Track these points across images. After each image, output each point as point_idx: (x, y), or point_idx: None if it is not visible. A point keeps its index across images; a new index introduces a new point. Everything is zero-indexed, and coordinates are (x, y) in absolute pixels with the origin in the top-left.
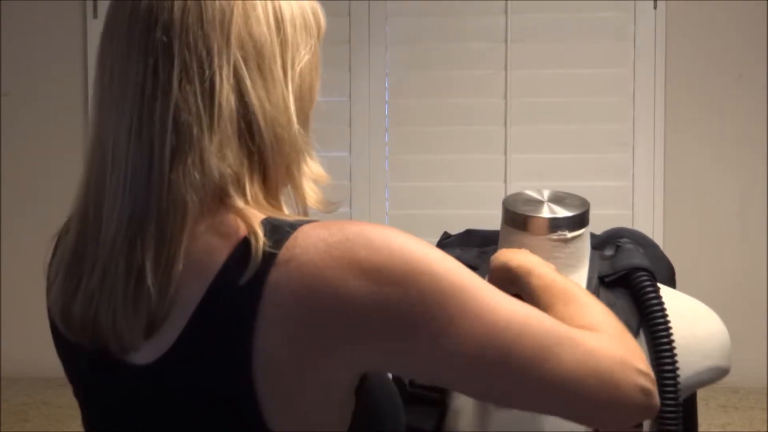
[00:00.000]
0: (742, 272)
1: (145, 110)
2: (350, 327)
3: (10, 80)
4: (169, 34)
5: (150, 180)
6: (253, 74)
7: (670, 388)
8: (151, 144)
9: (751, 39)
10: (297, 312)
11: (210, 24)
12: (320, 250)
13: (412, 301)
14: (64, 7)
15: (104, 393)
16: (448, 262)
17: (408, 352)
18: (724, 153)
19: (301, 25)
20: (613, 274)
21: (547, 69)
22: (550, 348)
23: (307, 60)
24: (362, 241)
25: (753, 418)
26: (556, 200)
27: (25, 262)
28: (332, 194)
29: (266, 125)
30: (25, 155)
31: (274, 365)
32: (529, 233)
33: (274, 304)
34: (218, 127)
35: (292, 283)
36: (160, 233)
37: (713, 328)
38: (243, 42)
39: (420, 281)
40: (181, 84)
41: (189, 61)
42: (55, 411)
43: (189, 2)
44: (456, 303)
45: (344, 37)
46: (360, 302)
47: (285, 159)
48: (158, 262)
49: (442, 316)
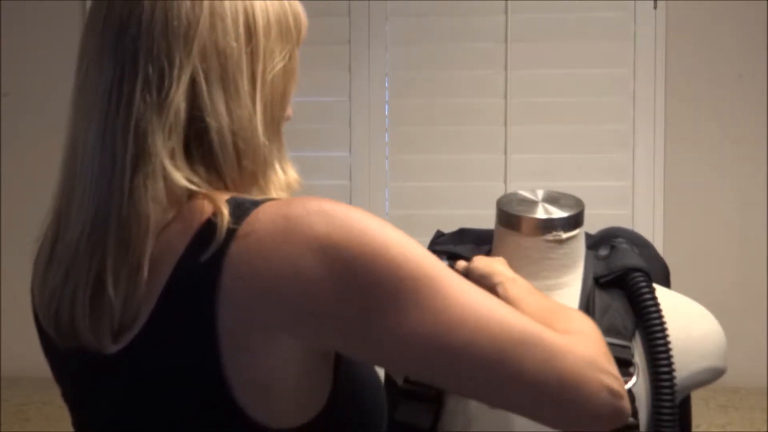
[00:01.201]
0: (742, 272)
1: (110, 118)
2: (304, 301)
3: (10, 80)
4: (136, 45)
5: (111, 187)
6: (214, 87)
7: (667, 389)
8: (114, 152)
9: (751, 39)
10: (254, 284)
11: (174, 36)
12: (279, 225)
13: (365, 284)
14: (64, 7)
15: (86, 388)
16: (410, 248)
17: (360, 334)
18: (724, 153)
19: (276, 33)
20: (608, 275)
21: (547, 69)
22: (512, 346)
23: (280, 68)
24: (322, 218)
25: (753, 418)
26: (550, 200)
27: (25, 262)
28: (331, 196)
29: (222, 138)
30: (25, 155)
31: (236, 339)
32: (524, 234)
33: (234, 278)
34: (169, 140)
35: (251, 256)
36: (123, 242)
37: (709, 329)
38: (206, 54)
39: (375, 264)
40: (143, 94)
41: (151, 73)
42: (55, 411)
43: (157, 12)
44: (410, 291)
45: (344, 37)
46: (315, 278)
47: (248, 170)
48: (120, 272)
49: (394, 304)
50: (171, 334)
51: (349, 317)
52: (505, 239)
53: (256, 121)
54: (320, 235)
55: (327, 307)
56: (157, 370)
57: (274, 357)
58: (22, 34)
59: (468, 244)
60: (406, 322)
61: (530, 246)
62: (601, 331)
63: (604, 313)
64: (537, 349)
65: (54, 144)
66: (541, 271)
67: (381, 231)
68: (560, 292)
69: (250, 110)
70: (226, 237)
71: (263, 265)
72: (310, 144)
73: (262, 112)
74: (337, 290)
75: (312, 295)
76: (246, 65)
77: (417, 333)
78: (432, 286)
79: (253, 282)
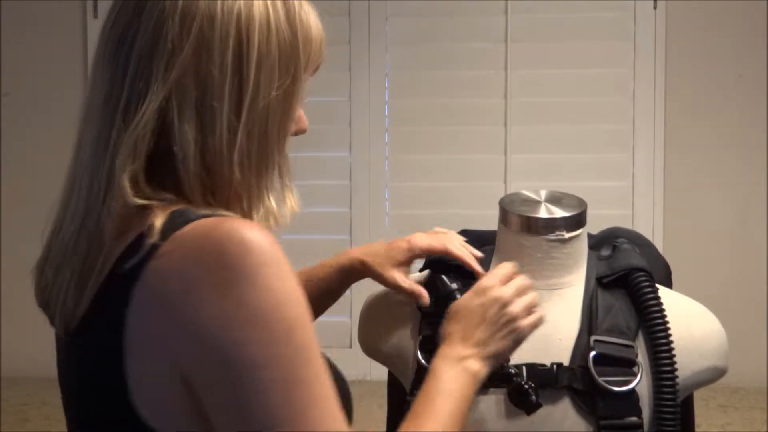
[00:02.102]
0: (742, 272)
1: (101, 133)
2: (189, 327)
3: (10, 80)
4: (127, 61)
5: (94, 198)
6: (186, 116)
7: (669, 388)
8: (99, 166)
9: (751, 39)
10: (157, 301)
11: (158, 59)
12: (194, 247)
13: (218, 325)
14: (64, 7)
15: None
16: (291, 324)
17: (217, 375)
18: (724, 153)
19: (275, 61)
20: (611, 275)
21: (547, 69)
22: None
23: (278, 95)
24: (239, 249)
25: (753, 418)
26: (553, 200)
27: (25, 262)
28: (331, 196)
29: (187, 169)
30: (25, 155)
31: (136, 349)
32: (526, 233)
33: (144, 292)
34: (133, 163)
35: (162, 274)
36: (86, 249)
37: (710, 328)
38: (185, 82)
39: (239, 316)
40: (122, 114)
41: (132, 94)
42: (55, 411)
43: (149, 32)
44: (266, 356)
45: (344, 37)
46: (206, 307)
47: (217, 199)
48: (81, 274)
49: (235, 359)
50: (91, 337)
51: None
52: (508, 239)
53: (233, 153)
54: (225, 266)
55: (202, 336)
56: (80, 365)
57: (161, 371)
58: (22, 34)
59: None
60: (231, 383)
61: (533, 245)
62: (605, 330)
63: (608, 313)
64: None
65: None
66: (544, 271)
67: (279, 294)
68: (563, 291)
69: (228, 141)
70: (149, 251)
71: (168, 284)
72: (310, 144)
73: (246, 142)
74: (200, 321)
75: (195, 322)
76: (230, 95)
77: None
78: (282, 368)
79: (156, 299)
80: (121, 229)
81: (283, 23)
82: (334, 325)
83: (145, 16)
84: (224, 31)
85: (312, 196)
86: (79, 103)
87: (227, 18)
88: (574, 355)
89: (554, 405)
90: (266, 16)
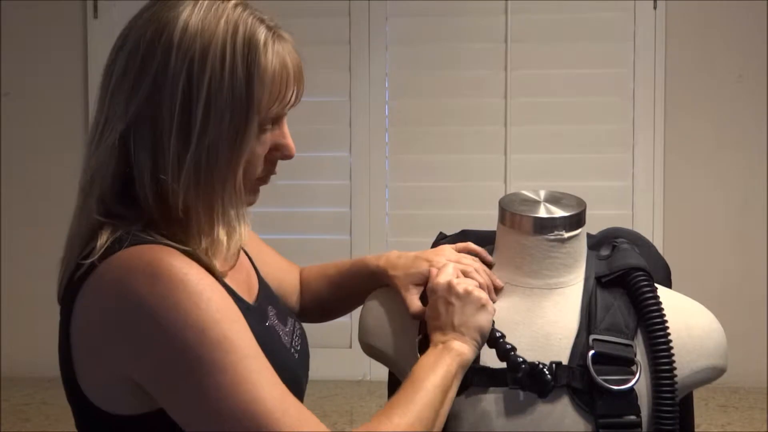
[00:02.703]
0: (741, 272)
1: (85, 153)
2: (100, 342)
3: (10, 80)
4: (105, 94)
5: (78, 207)
6: (140, 146)
7: (667, 387)
8: (82, 182)
9: (751, 39)
10: (87, 316)
11: (120, 91)
12: (116, 274)
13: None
14: (64, 7)
15: None
16: (208, 338)
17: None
18: (724, 153)
19: (223, 104)
20: (610, 275)
21: (547, 69)
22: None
23: (225, 134)
24: (148, 280)
25: (753, 418)
26: (552, 200)
27: (25, 262)
28: (331, 196)
29: (144, 192)
30: (25, 155)
31: (80, 352)
32: (526, 233)
33: (81, 302)
34: (100, 185)
35: (94, 290)
36: (69, 249)
37: (709, 328)
38: (141, 115)
39: (164, 343)
40: (98, 135)
41: (103, 119)
42: (55, 411)
43: (120, 68)
44: (185, 371)
45: (344, 37)
46: (112, 328)
47: (175, 221)
48: (63, 268)
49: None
50: (60, 330)
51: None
52: (508, 238)
53: (178, 183)
54: (133, 298)
55: (127, 355)
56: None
57: (113, 375)
58: (22, 34)
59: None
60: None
61: (532, 245)
62: (604, 329)
63: (606, 312)
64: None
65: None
66: (543, 270)
67: (187, 313)
68: (562, 291)
69: (174, 172)
70: (89, 268)
71: (97, 304)
72: (311, 144)
73: (193, 174)
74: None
75: (118, 341)
76: (178, 130)
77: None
78: (198, 373)
79: (90, 314)
80: (87, 238)
81: (239, 67)
82: (334, 325)
83: (122, 51)
84: (176, 73)
85: (312, 196)
86: (79, 102)
87: (180, 63)
88: (573, 354)
89: (553, 404)
90: (221, 63)
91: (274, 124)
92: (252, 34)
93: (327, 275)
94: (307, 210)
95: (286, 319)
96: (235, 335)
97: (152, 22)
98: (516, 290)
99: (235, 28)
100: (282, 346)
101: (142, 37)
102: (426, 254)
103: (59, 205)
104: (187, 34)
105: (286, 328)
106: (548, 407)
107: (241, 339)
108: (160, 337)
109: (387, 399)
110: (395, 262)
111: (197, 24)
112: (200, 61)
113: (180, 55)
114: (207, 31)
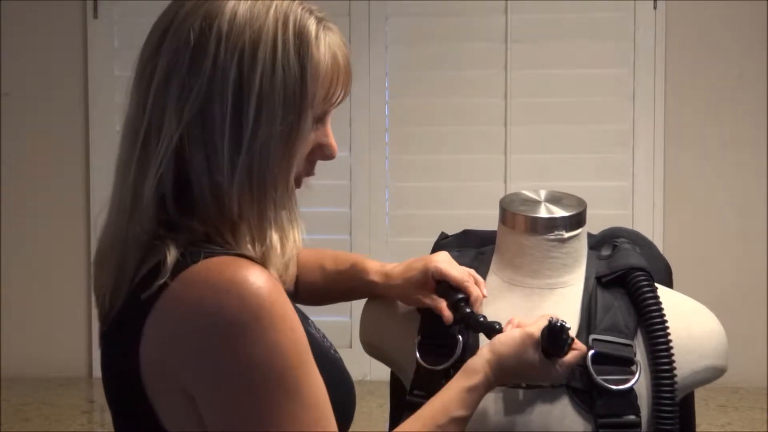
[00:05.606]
0: (741, 272)
1: (124, 157)
2: (181, 365)
3: (10, 80)
4: (148, 92)
5: (121, 218)
6: (195, 149)
7: (667, 386)
8: (122, 188)
9: (751, 39)
10: (162, 334)
11: (171, 94)
12: (195, 294)
13: (204, 367)
14: (64, 7)
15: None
16: (287, 367)
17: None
18: (724, 153)
19: (275, 102)
20: (610, 274)
21: (547, 69)
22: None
23: (277, 134)
24: (236, 302)
25: (753, 418)
26: (553, 200)
27: (25, 262)
28: (331, 196)
29: (203, 195)
30: (25, 155)
31: (152, 373)
32: (526, 233)
33: (153, 324)
34: (157, 189)
35: (167, 314)
36: (117, 263)
37: (710, 328)
38: (193, 117)
39: (244, 365)
40: (144, 141)
41: (153, 123)
42: (55, 411)
43: (165, 67)
44: (240, 394)
45: (344, 37)
46: (189, 340)
47: (233, 229)
48: (112, 284)
49: (220, 395)
50: (113, 347)
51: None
52: (508, 238)
53: (233, 186)
54: (220, 319)
55: (198, 377)
56: (106, 364)
57: (170, 391)
58: (22, 34)
59: (471, 251)
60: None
61: (533, 245)
62: (604, 329)
63: (607, 312)
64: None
65: (54, 144)
66: (544, 270)
67: (274, 336)
68: (562, 290)
69: (228, 175)
70: (160, 287)
71: (173, 327)
72: None
73: (247, 176)
74: (193, 360)
75: (193, 365)
76: (230, 132)
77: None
78: (273, 400)
79: (163, 335)
80: (141, 255)
81: (291, 60)
82: (334, 325)
83: (163, 49)
84: (226, 71)
85: (312, 196)
86: (79, 103)
87: (230, 57)
88: None
89: (553, 403)
90: (272, 56)
91: (319, 122)
92: (303, 26)
93: (323, 267)
94: (307, 210)
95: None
96: (304, 382)
97: (197, 15)
98: (516, 290)
99: (285, 18)
100: (333, 358)
101: (190, 31)
102: (420, 258)
103: (59, 205)
104: (235, 24)
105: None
106: (548, 407)
107: (310, 387)
108: (237, 364)
109: (388, 399)
110: (390, 272)
111: (245, 13)
112: (251, 55)
113: (230, 48)
114: (256, 21)
